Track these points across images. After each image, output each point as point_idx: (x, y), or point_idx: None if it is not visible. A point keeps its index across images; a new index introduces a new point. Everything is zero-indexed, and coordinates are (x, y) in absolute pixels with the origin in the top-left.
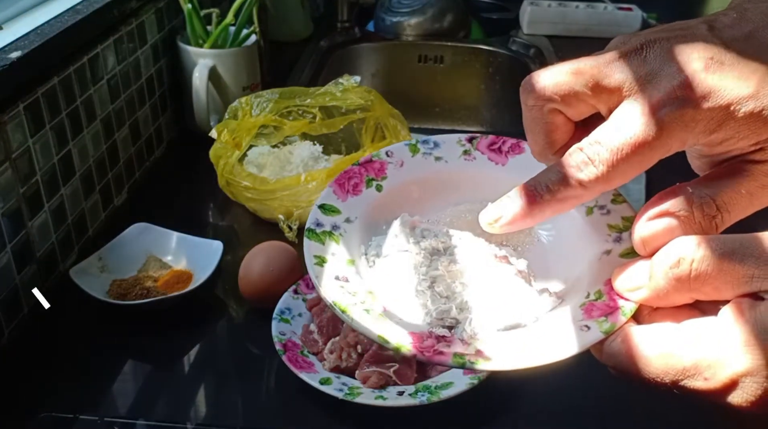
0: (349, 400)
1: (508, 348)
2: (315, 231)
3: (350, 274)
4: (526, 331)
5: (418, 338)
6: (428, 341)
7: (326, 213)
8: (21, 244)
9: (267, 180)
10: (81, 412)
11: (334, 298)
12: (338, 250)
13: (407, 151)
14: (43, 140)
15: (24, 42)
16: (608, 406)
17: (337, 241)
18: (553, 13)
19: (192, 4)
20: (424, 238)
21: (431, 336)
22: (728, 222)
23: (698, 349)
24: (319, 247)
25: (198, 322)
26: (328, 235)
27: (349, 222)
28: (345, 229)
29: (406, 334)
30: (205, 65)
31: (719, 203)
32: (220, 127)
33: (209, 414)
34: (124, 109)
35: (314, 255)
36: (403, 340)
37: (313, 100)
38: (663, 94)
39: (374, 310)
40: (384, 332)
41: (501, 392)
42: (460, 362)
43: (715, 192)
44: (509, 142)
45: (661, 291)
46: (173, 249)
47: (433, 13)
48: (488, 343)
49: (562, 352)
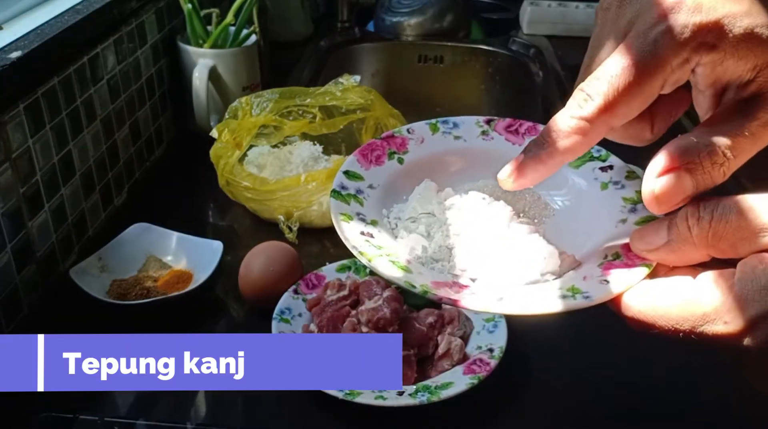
0: (349, 400)
1: (528, 296)
2: (340, 193)
3: (374, 232)
4: (547, 284)
5: (441, 285)
6: (453, 288)
7: (350, 178)
8: (21, 244)
9: (267, 180)
10: (81, 412)
11: (361, 248)
12: (362, 211)
13: (428, 129)
14: (43, 140)
15: (24, 42)
16: (608, 406)
17: (361, 203)
18: (553, 13)
19: (192, 4)
20: (445, 202)
21: (455, 284)
22: (734, 167)
23: (717, 294)
24: (344, 207)
25: (198, 322)
26: (352, 198)
27: (372, 188)
28: (368, 194)
29: (431, 281)
30: (205, 65)
31: (724, 150)
32: (220, 127)
33: (209, 414)
34: (124, 109)
35: (340, 212)
36: (428, 285)
37: (313, 99)
38: (655, 16)
39: (399, 261)
40: (410, 278)
41: (501, 392)
42: (484, 307)
43: (720, 138)
44: (526, 125)
45: (679, 249)
46: (173, 249)
47: (433, 13)
48: (507, 291)
49: (581, 302)
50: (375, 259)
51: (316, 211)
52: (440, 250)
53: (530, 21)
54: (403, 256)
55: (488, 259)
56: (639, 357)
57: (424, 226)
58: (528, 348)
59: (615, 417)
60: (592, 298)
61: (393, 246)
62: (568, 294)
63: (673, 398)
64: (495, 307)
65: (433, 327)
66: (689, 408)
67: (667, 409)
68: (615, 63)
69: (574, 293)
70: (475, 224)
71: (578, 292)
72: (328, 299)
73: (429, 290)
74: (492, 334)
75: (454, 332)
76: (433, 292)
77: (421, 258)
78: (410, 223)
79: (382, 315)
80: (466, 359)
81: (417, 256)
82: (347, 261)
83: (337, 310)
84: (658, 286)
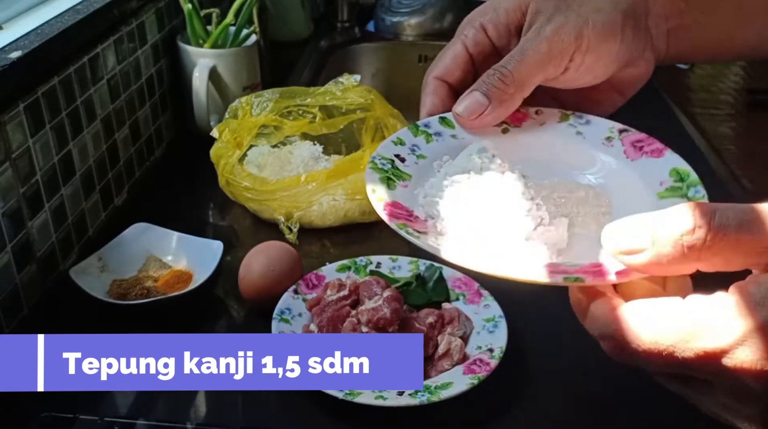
0: (349, 400)
1: (516, 261)
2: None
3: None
4: (510, 245)
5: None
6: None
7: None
8: (21, 244)
9: (267, 180)
10: (81, 412)
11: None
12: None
13: (557, 114)
14: (43, 140)
15: (24, 42)
16: (609, 406)
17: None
18: None
19: (192, 4)
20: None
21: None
22: (518, 81)
23: (699, 314)
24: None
25: (198, 322)
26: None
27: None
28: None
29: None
30: (206, 65)
31: (505, 65)
32: (221, 127)
33: (209, 414)
34: (125, 109)
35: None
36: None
37: (313, 99)
38: None
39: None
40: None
41: (501, 392)
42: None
43: (503, 61)
44: (653, 146)
45: (665, 258)
46: (173, 249)
47: (433, 13)
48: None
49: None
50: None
51: (316, 211)
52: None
53: None
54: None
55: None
56: None
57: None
58: (528, 348)
59: (615, 417)
60: (583, 279)
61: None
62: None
63: (673, 398)
64: (470, 262)
65: (433, 327)
66: (690, 410)
67: (668, 411)
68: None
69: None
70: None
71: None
72: (328, 299)
73: (408, 228)
74: (492, 334)
75: (454, 332)
76: (414, 233)
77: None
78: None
79: (382, 315)
80: (466, 359)
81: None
82: (347, 261)
83: (337, 310)
84: (633, 306)
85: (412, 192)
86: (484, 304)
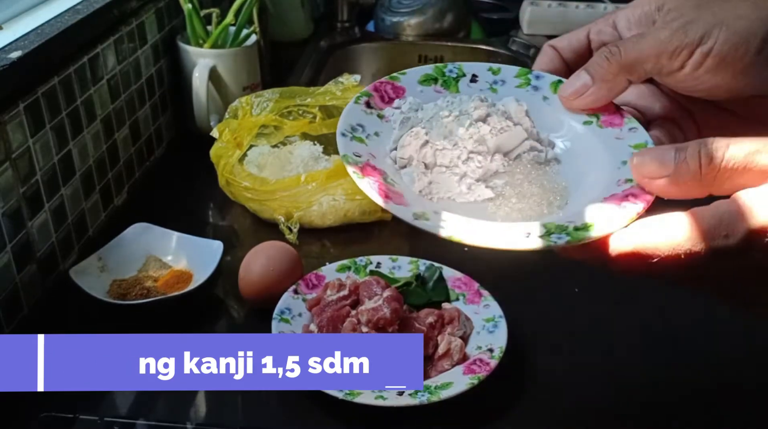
0: (349, 400)
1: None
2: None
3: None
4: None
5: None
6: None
7: (425, 219)
8: (21, 244)
9: (267, 180)
10: (81, 412)
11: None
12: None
13: (357, 143)
14: (43, 140)
15: (24, 42)
16: (609, 406)
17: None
18: (553, 13)
19: (192, 4)
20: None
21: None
22: (624, 57)
23: (715, 209)
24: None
25: (198, 322)
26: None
27: (436, 214)
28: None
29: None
30: (205, 65)
31: (611, 47)
32: (221, 127)
33: (209, 414)
34: (124, 109)
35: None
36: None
37: (314, 99)
38: None
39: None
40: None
41: (501, 392)
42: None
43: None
44: (389, 88)
45: (684, 182)
46: (173, 249)
47: (433, 13)
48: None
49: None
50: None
51: (316, 211)
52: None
53: (530, 21)
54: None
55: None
56: (640, 357)
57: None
58: (528, 348)
59: (615, 417)
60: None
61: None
62: (543, 232)
63: (673, 399)
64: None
65: (433, 327)
66: (690, 410)
67: (668, 409)
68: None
69: (549, 232)
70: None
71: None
72: (328, 299)
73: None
74: (492, 334)
75: (454, 332)
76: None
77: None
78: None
79: (382, 315)
80: (466, 359)
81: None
82: (347, 261)
83: (337, 310)
84: (650, 220)
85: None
86: (484, 304)
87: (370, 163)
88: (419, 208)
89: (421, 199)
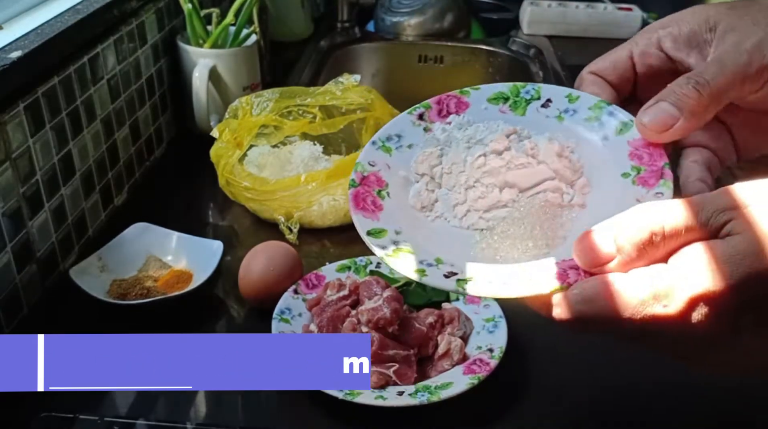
0: (349, 400)
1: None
2: (390, 254)
3: (450, 268)
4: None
5: None
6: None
7: (377, 237)
8: (21, 244)
9: (267, 180)
10: (81, 411)
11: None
12: (419, 257)
13: (382, 153)
14: (43, 140)
15: (24, 42)
16: (609, 406)
17: (410, 251)
18: (553, 13)
19: (192, 4)
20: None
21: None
22: (711, 90)
23: (654, 279)
24: (406, 264)
25: (198, 322)
26: (399, 251)
27: (398, 234)
28: (403, 240)
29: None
30: (206, 65)
31: (695, 77)
32: (221, 127)
33: (209, 414)
34: (125, 108)
35: (416, 270)
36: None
37: (314, 99)
38: None
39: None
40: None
41: (501, 392)
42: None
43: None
44: (452, 103)
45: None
46: (173, 249)
47: (433, 13)
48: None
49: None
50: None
51: (316, 212)
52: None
53: (530, 21)
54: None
55: None
56: (640, 358)
57: None
58: (528, 348)
59: (615, 417)
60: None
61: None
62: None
63: (673, 398)
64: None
65: (433, 327)
66: (690, 410)
67: (667, 410)
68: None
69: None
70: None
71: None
72: (328, 299)
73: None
74: (492, 335)
75: (454, 332)
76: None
77: None
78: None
79: (382, 315)
80: (466, 359)
81: None
82: (347, 261)
83: (337, 310)
84: (617, 279)
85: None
86: (484, 304)
87: (378, 174)
88: (386, 225)
89: (407, 218)
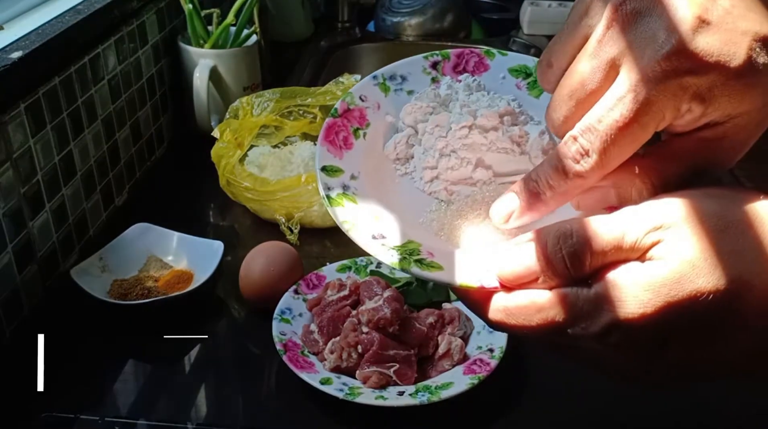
0: (350, 400)
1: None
2: (331, 196)
3: (383, 229)
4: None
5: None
6: None
7: (331, 175)
8: (22, 244)
9: (267, 181)
10: (81, 412)
11: (384, 259)
12: (359, 209)
13: (379, 91)
14: (44, 140)
15: (25, 42)
16: (608, 406)
17: (354, 200)
18: (553, 13)
19: (193, 4)
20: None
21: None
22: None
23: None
24: (343, 211)
25: (198, 322)
26: (344, 198)
27: (354, 179)
28: (354, 187)
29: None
30: (206, 65)
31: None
32: (222, 127)
33: (209, 414)
34: (125, 109)
35: (342, 221)
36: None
37: (314, 99)
38: (648, 66)
39: (425, 259)
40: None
41: (501, 392)
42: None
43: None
44: (472, 61)
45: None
46: (174, 249)
47: (433, 13)
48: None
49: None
50: (404, 264)
51: (316, 212)
52: None
53: (530, 21)
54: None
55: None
56: None
57: None
58: (528, 348)
59: (615, 418)
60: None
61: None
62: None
63: (673, 398)
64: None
65: (433, 327)
66: (690, 411)
67: (666, 410)
68: (609, 117)
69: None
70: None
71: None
72: (328, 299)
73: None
74: (492, 335)
75: (455, 332)
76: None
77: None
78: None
79: (382, 315)
80: (467, 359)
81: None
82: (348, 261)
83: (338, 310)
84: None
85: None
86: None
87: (364, 111)
88: (345, 165)
89: (371, 165)
